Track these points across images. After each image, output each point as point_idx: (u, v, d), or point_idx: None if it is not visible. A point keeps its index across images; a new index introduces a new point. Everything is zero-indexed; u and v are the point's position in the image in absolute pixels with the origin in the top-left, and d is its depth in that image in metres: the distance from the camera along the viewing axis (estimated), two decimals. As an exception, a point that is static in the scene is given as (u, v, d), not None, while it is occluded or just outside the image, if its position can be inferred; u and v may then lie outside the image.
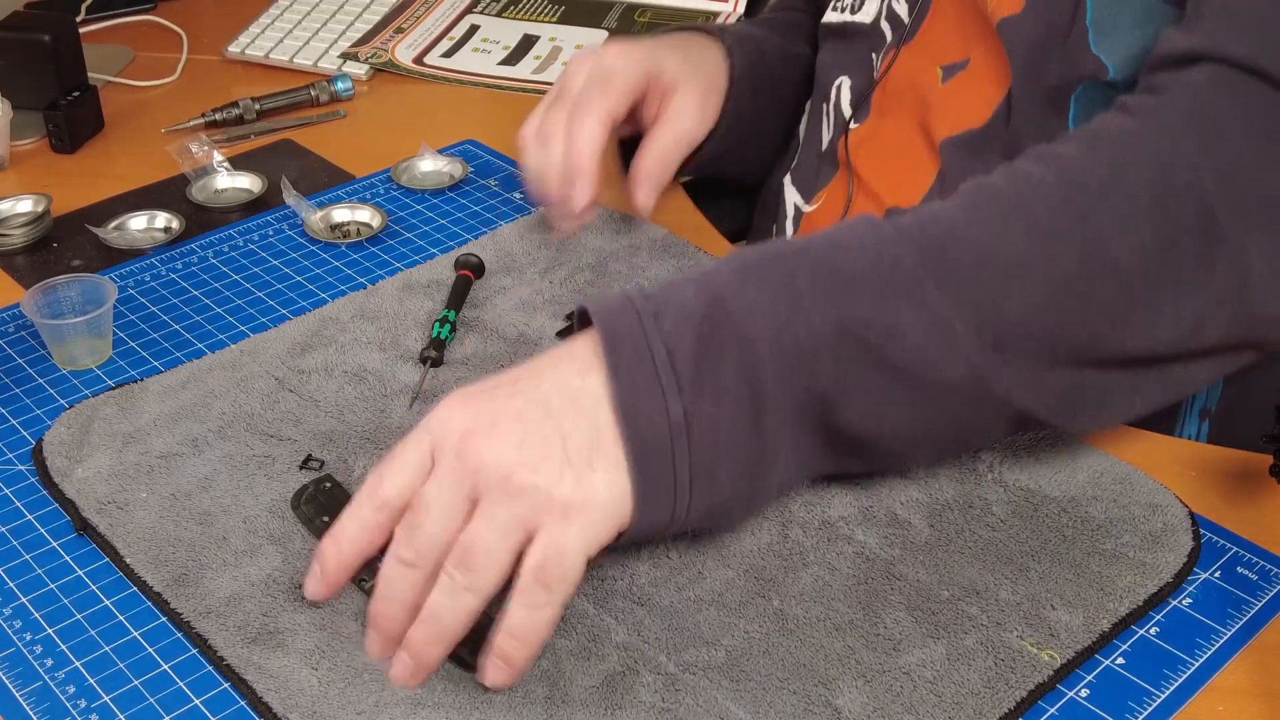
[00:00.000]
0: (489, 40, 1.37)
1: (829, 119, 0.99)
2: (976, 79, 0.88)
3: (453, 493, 0.62)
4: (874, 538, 0.73)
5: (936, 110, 0.90)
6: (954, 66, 0.90)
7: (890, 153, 0.93)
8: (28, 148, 1.17)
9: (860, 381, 0.65)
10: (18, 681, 0.66)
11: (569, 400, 0.63)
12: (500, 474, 0.61)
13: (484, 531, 0.61)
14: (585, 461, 0.62)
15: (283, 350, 0.87)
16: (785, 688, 0.65)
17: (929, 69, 0.91)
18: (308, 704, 0.64)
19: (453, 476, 0.62)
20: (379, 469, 0.65)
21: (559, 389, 0.63)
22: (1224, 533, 0.75)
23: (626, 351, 0.63)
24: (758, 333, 0.64)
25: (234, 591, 0.69)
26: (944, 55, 0.90)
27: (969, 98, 0.88)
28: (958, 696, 0.64)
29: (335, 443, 0.79)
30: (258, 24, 1.37)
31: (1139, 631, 0.69)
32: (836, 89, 0.99)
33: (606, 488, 0.62)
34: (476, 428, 0.62)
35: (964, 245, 0.66)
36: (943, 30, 0.91)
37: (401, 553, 0.63)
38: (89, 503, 0.75)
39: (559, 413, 0.62)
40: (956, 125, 0.88)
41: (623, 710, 0.63)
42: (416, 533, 0.62)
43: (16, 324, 0.92)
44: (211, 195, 1.09)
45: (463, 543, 0.61)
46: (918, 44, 0.92)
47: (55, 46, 1.15)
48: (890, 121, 0.94)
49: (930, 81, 0.91)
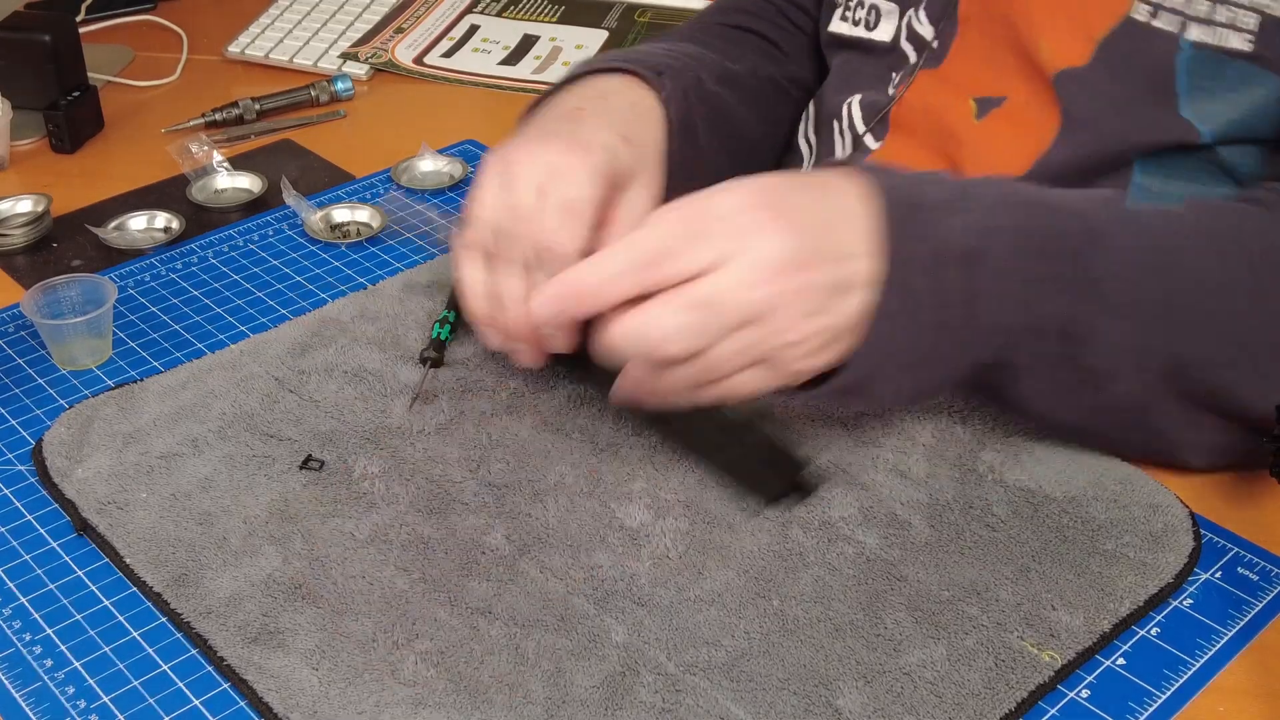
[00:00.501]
0: (489, 40, 1.37)
1: (843, 140, 0.97)
2: (1016, 122, 0.86)
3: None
4: (874, 538, 0.73)
5: (969, 148, 0.88)
6: (988, 101, 0.87)
7: None
8: (28, 148, 1.17)
9: (1046, 368, 0.72)
10: (17, 682, 0.66)
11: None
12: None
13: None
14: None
15: (283, 350, 0.87)
16: (786, 688, 0.65)
17: (960, 100, 0.88)
18: (308, 704, 0.64)
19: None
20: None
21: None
22: (1225, 533, 0.75)
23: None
24: (994, 298, 0.69)
25: (234, 592, 0.69)
26: (976, 86, 0.88)
27: (1007, 142, 0.86)
28: (958, 697, 0.64)
29: (335, 443, 0.79)
30: (258, 24, 1.37)
31: (1140, 632, 0.69)
32: (848, 107, 0.96)
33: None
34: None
35: (1187, 278, 0.72)
36: (973, 59, 0.89)
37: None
38: (89, 503, 0.75)
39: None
40: (993, 171, 0.85)
41: (623, 710, 0.63)
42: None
43: (16, 324, 0.92)
44: (211, 195, 1.09)
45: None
46: (946, 70, 0.90)
47: (55, 46, 1.15)
48: (913, 148, 0.91)
49: (962, 113, 0.88)
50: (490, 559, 0.72)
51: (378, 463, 0.78)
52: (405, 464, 0.78)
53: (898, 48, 0.94)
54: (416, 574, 0.71)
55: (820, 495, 0.75)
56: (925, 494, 0.76)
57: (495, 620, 0.68)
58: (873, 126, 0.94)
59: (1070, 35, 0.83)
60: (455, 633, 0.67)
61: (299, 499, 0.75)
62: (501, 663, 0.66)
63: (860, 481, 0.76)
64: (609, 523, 0.74)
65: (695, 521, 0.74)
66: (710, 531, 0.73)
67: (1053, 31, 0.83)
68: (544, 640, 0.67)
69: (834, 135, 0.97)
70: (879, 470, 0.77)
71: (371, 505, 0.75)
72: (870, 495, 0.76)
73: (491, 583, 0.70)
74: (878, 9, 0.95)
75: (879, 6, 0.95)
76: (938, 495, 0.76)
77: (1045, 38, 0.84)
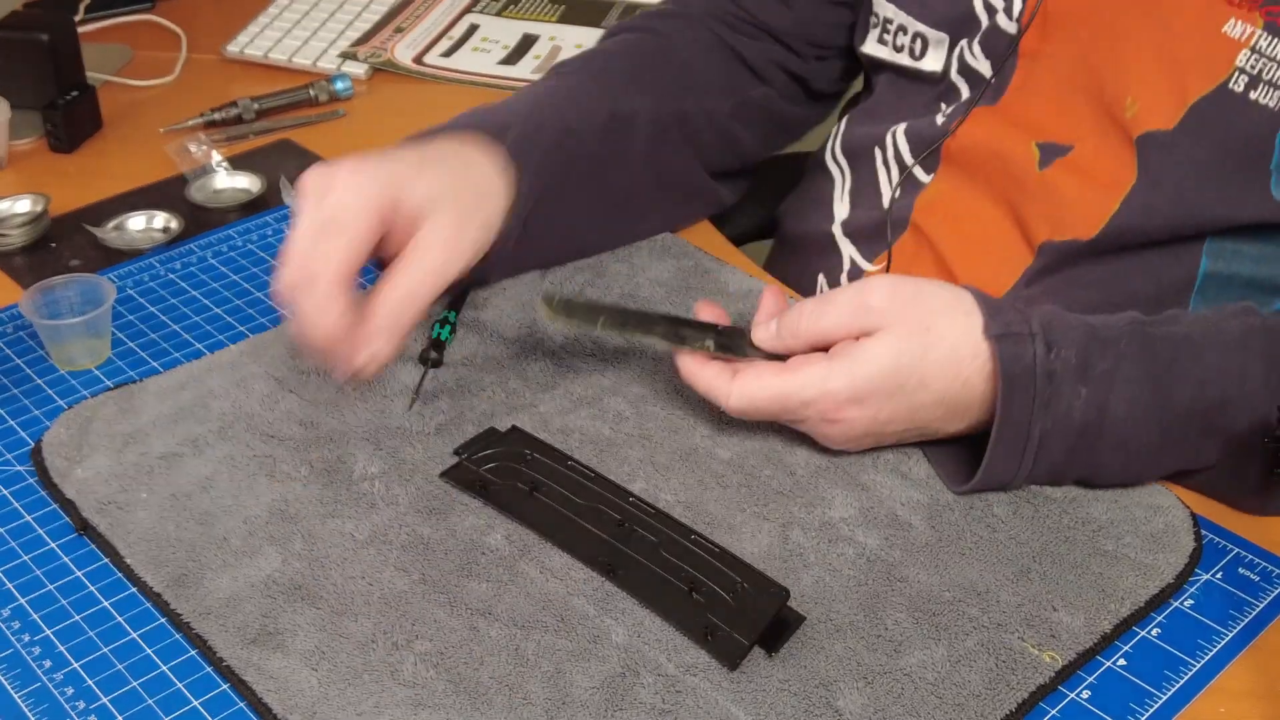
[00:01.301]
0: (488, 40, 1.37)
1: (887, 170, 0.94)
2: (1084, 175, 0.83)
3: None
4: (875, 539, 0.73)
5: (1034, 199, 0.86)
6: (1053, 148, 0.85)
7: (974, 230, 0.89)
8: (26, 147, 1.17)
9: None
10: (16, 683, 0.66)
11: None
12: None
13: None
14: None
15: (283, 350, 0.87)
16: (786, 689, 0.64)
17: (1023, 143, 0.86)
18: (308, 705, 0.64)
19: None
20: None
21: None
22: (1225, 534, 0.75)
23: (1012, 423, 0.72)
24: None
25: (234, 592, 0.69)
26: (1041, 129, 0.86)
27: (1073, 195, 0.84)
28: (959, 698, 0.64)
29: (335, 443, 0.79)
30: (256, 23, 1.37)
31: (1140, 633, 0.69)
32: (892, 135, 0.94)
33: None
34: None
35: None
36: (1039, 99, 0.86)
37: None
38: (89, 503, 0.75)
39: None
40: (1060, 229, 0.84)
41: (623, 711, 0.63)
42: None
43: (15, 324, 0.92)
44: (210, 195, 1.09)
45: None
46: (1005, 106, 0.88)
47: (53, 46, 1.15)
48: (970, 189, 0.89)
49: (1024, 159, 0.86)
50: (490, 559, 0.72)
51: (378, 463, 0.78)
52: (405, 464, 0.78)
53: (948, 79, 0.91)
54: (416, 575, 0.70)
55: (820, 495, 0.75)
56: (925, 494, 0.76)
57: (495, 621, 0.68)
58: (923, 159, 0.92)
59: (1162, 94, 0.80)
60: (455, 634, 0.67)
61: (299, 499, 0.75)
62: (501, 664, 0.66)
63: (860, 482, 0.76)
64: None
65: (695, 522, 0.74)
66: (710, 532, 0.73)
67: (1141, 86, 0.81)
68: (544, 641, 0.67)
69: (875, 163, 0.95)
70: (879, 470, 0.77)
71: (371, 506, 0.75)
72: (870, 496, 0.75)
73: (491, 583, 0.70)
74: (924, 37, 0.92)
75: (926, 35, 0.91)
76: (938, 496, 0.76)
77: (1133, 93, 0.81)
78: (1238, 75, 0.77)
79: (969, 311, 0.74)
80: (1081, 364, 0.72)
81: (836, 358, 0.73)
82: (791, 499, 0.75)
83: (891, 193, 0.94)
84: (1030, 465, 0.74)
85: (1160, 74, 0.80)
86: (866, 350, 0.72)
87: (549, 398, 0.83)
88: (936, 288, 0.75)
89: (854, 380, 0.72)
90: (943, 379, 0.73)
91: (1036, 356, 0.72)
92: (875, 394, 0.73)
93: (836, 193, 0.99)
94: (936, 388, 0.73)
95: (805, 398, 0.73)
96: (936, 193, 0.91)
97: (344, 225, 0.73)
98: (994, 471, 0.74)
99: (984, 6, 0.88)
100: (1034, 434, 0.72)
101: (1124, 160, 0.82)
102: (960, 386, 0.73)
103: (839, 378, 0.72)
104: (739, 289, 0.92)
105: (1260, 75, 0.77)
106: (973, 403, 0.74)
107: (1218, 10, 0.78)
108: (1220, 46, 0.78)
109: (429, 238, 0.75)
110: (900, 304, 0.73)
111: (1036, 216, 0.86)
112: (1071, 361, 0.72)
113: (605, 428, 0.80)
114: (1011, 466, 0.74)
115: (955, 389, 0.73)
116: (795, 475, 0.77)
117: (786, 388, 0.73)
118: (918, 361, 0.72)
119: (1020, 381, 0.72)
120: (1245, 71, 0.77)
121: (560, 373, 0.85)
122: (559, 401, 0.82)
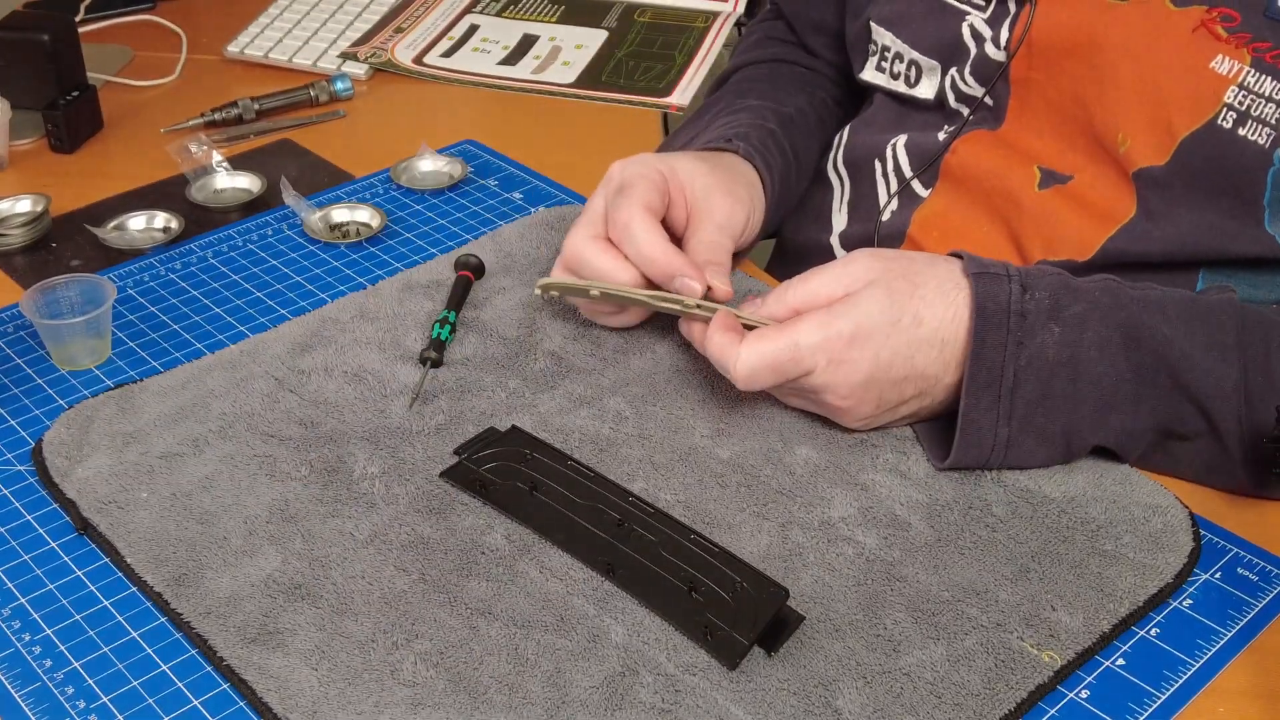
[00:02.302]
0: (489, 40, 1.37)
1: (886, 182, 0.96)
2: (1082, 203, 0.85)
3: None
4: (874, 539, 0.73)
5: (1031, 220, 0.87)
6: (1054, 175, 0.86)
7: (970, 247, 0.86)
8: (27, 147, 1.17)
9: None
10: (17, 682, 0.66)
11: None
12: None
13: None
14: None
15: (283, 350, 0.87)
16: (785, 689, 0.65)
17: (1023, 165, 0.87)
18: (308, 704, 0.64)
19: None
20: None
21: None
22: (1224, 534, 0.75)
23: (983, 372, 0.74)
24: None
25: (234, 592, 0.69)
26: (1041, 156, 0.87)
27: (1071, 220, 0.85)
28: (958, 698, 0.64)
29: (335, 443, 0.79)
30: (257, 24, 1.37)
31: (1139, 632, 0.69)
32: (892, 148, 0.95)
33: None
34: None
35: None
36: (1036, 126, 0.88)
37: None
38: (89, 503, 0.75)
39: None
40: (1055, 249, 0.85)
41: (623, 711, 0.63)
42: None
43: (15, 324, 0.92)
44: (211, 195, 1.09)
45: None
46: (1006, 133, 0.89)
47: (54, 46, 1.15)
48: (968, 206, 0.91)
49: (1024, 182, 0.87)
50: (490, 559, 0.72)
51: (378, 463, 0.78)
52: (405, 464, 0.78)
53: (946, 106, 0.93)
54: (416, 574, 0.71)
55: (820, 495, 0.76)
56: (925, 494, 0.76)
57: (495, 620, 0.68)
58: (922, 174, 0.93)
59: (1149, 130, 0.81)
60: (455, 633, 0.67)
61: (299, 499, 0.75)
62: (501, 663, 0.66)
63: (860, 482, 0.76)
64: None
65: (695, 522, 0.74)
66: (710, 532, 0.73)
67: (1129, 123, 0.82)
68: (544, 640, 0.67)
69: (875, 175, 0.96)
70: (879, 470, 0.77)
71: (371, 505, 0.75)
72: (870, 495, 0.76)
73: (491, 583, 0.70)
74: (918, 65, 0.94)
75: (919, 63, 0.93)
76: (937, 495, 0.76)
77: (1123, 128, 0.82)
78: (1225, 112, 0.78)
79: (949, 259, 0.77)
80: (1054, 305, 0.74)
81: (834, 306, 0.75)
82: (791, 499, 0.75)
83: (889, 203, 0.94)
84: (1009, 408, 0.74)
85: (1148, 109, 0.81)
86: (861, 294, 0.75)
87: (549, 398, 0.83)
88: (916, 253, 0.79)
89: (855, 317, 0.74)
90: (935, 314, 0.75)
91: (1011, 296, 0.73)
92: (875, 331, 0.74)
93: (835, 203, 1.01)
94: (931, 323, 0.75)
95: (812, 341, 0.74)
96: (933, 209, 0.92)
97: (633, 187, 0.83)
98: (972, 420, 0.74)
99: (971, 35, 0.90)
100: (1008, 373, 0.73)
101: (1123, 192, 0.83)
102: (951, 319, 0.75)
103: (839, 318, 0.74)
104: (739, 289, 0.92)
105: (1249, 112, 0.77)
106: (960, 341, 0.75)
107: (1205, 45, 0.78)
108: (1208, 82, 0.78)
109: (707, 198, 0.86)
110: (884, 261, 0.77)
111: (1033, 236, 0.87)
112: (1045, 303, 0.74)
113: (605, 428, 0.80)
114: (990, 416, 0.74)
115: (948, 324, 0.75)
116: (795, 475, 0.77)
117: (794, 336, 0.74)
118: (909, 298, 0.74)
119: (994, 320, 0.73)
120: (1233, 108, 0.78)
121: (560, 373, 0.85)
122: (559, 401, 0.83)
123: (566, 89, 1.29)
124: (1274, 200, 0.78)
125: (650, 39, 1.38)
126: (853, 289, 0.75)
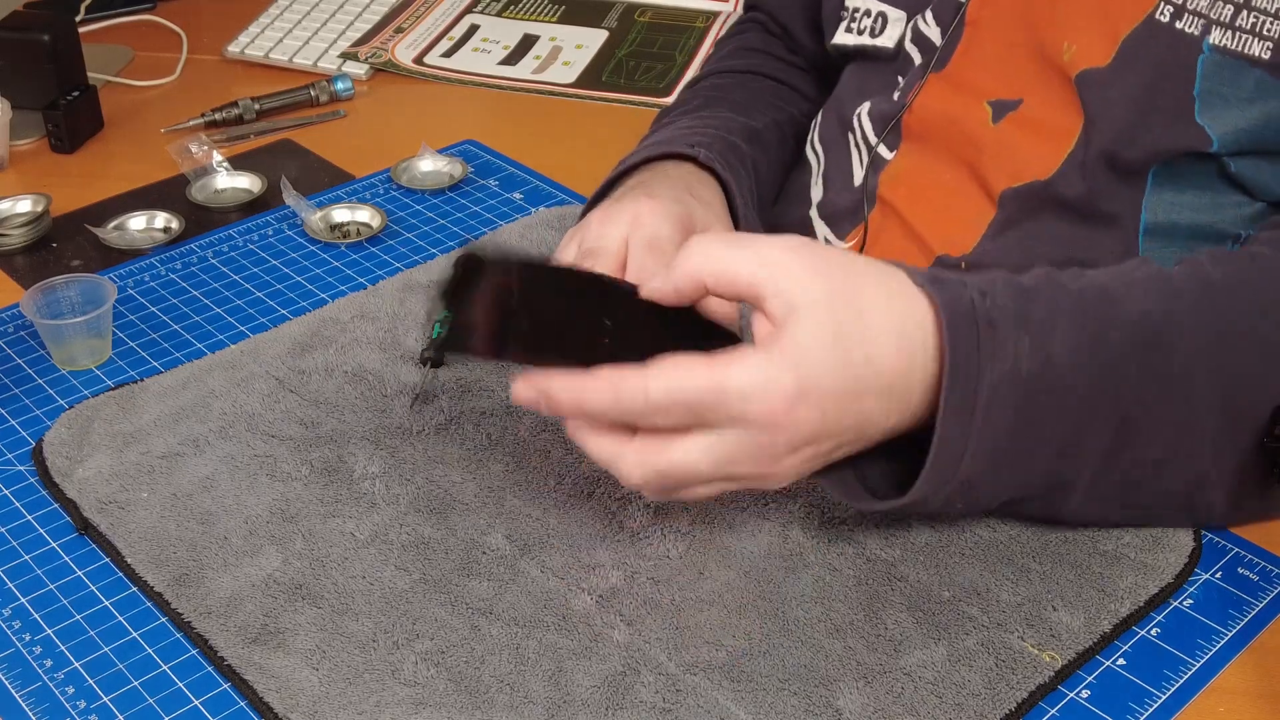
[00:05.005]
0: (489, 40, 1.37)
1: (858, 151, 0.96)
2: (1035, 126, 0.85)
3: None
4: (874, 538, 0.73)
5: (989, 153, 0.87)
6: (1004, 104, 0.87)
7: (937, 194, 0.90)
8: (27, 147, 1.17)
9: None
10: (17, 682, 0.66)
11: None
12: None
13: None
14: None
15: (283, 350, 0.87)
16: (786, 688, 0.65)
17: (974, 104, 0.88)
18: (308, 704, 0.64)
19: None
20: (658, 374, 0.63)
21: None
22: (1225, 533, 0.75)
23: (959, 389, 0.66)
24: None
25: (234, 591, 0.69)
26: (989, 90, 0.88)
27: (1028, 145, 0.85)
28: (958, 697, 0.64)
29: (335, 443, 0.79)
30: (257, 24, 1.37)
31: (1140, 632, 0.69)
32: (858, 118, 0.96)
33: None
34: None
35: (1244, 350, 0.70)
36: (984, 61, 0.88)
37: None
38: (90, 503, 0.75)
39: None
40: (1017, 175, 0.85)
41: (623, 710, 0.63)
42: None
43: (16, 324, 0.92)
44: (211, 195, 1.09)
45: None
46: (953, 73, 0.89)
47: (54, 46, 1.15)
48: (931, 158, 0.91)
49: (977, 119, 0.87)
50: (490, 559, 0.72)
51: (378, 463, 0.78)
52: (405, 464, 0.78)
53: (903, 52, 0.94)
54: (417, 574, 0.71)
55: (820, 494, 0.75)
56: (925, 494, 0.76)
57: (496, 620, 0.68)
58: (885, 137, 0.93)
59: (1094, 34, 0.82)
60: (456, 633, 0.67)
61: (299, 499, 0.75)
62: (502, 662, 0.66)
63: (860, 482, 0.76)
64: (609, 522, 0.74)
65: (695, 521, 0.74)
66: (710, 532, 0.73)
67: (1076, 31, 0.83)
68: (544, 640, 0.67)
69: (849, 147, 0.97)
70: (879, 470, 0.77)
71: (372, 505, 0.75)
72: (870, 495, 0.76)
73: (492, 582, 0.70)
74: (884, 15, 0.95)
75: (885, 14, 0.95)
76: (938, 495, 0.76)
77: (1069, 38, 0.83)
78: (1163, 6, 0.79)
79: (892, 270, 0.68)
80: (1019, 312, 0.68)
81: (765, 347, 0.64)
82: (791, 499, 0.75)
83: (863, 173, 0.96)
84: (980, 424, 0.65)
85: (1093, 15, 0.82)
86: (797, 326, 0.63)
87: (549, 397, 0.83)
88: (842, 254, 0.68)
89: (798, 369, 0.63)
90: (888, 344, 0.65)
91: (974, 301, 0.66)
92: (820, 379, 0.63)
93: (813, 179, 1.02)
94: (885, 361, 0.65)
95: (743, 388, 0.62)
96: (899, 168, 0.93)
97: (663, 248, 0.77)
98: (948, 438, 0.65)
99: None
100: (983, 385, 0.65)
101: (1070, 105, 0.83)
102: (907, 353, 0.66)
103: (777, 365, 0.63)
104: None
105: (1184, 5, 0.78)
106: (917, 365, 0.66)
107: None
108: None
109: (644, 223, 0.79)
110: (822, 277, 0.65)
111: (994, 170, 0.87)
112: (1009, 309, 0.67)
113: (605, 427, 0.80)
114: (964, 431, 0.65)
115: (903, 358, 0.66)
116: (795, 475, 0.77)
117: (717, 378, 0.62)
118: (854, 323, 0.65)
119: (963, 330, 0.66)
120: (1170, 2, 0.79)
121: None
122: (559, 401, 0.82)
123: (567, 89, 1.29)
124: (1204, 91, 0.78)
125: (651, 39, 1.39)
126: (779, 283, 0.64)
